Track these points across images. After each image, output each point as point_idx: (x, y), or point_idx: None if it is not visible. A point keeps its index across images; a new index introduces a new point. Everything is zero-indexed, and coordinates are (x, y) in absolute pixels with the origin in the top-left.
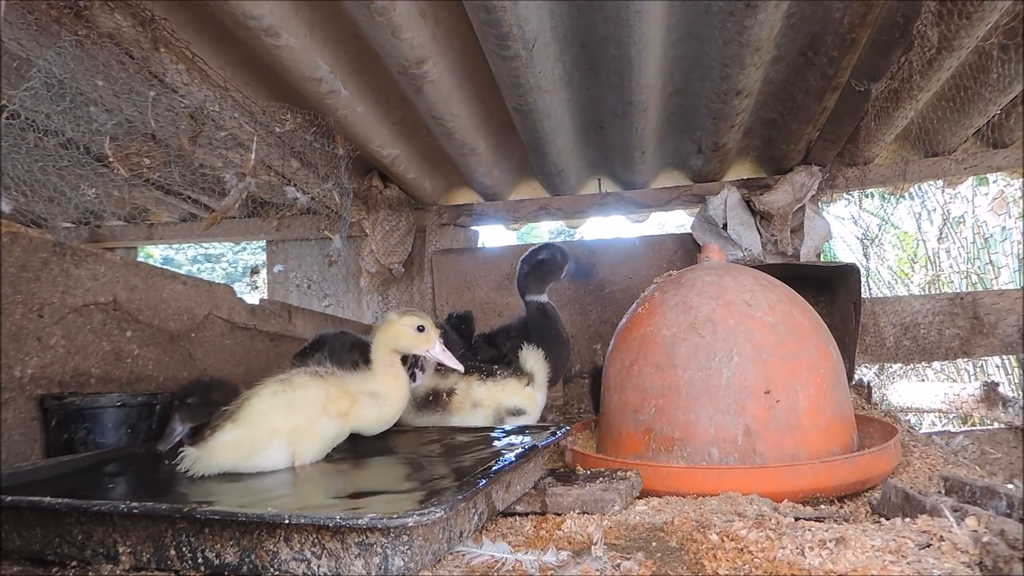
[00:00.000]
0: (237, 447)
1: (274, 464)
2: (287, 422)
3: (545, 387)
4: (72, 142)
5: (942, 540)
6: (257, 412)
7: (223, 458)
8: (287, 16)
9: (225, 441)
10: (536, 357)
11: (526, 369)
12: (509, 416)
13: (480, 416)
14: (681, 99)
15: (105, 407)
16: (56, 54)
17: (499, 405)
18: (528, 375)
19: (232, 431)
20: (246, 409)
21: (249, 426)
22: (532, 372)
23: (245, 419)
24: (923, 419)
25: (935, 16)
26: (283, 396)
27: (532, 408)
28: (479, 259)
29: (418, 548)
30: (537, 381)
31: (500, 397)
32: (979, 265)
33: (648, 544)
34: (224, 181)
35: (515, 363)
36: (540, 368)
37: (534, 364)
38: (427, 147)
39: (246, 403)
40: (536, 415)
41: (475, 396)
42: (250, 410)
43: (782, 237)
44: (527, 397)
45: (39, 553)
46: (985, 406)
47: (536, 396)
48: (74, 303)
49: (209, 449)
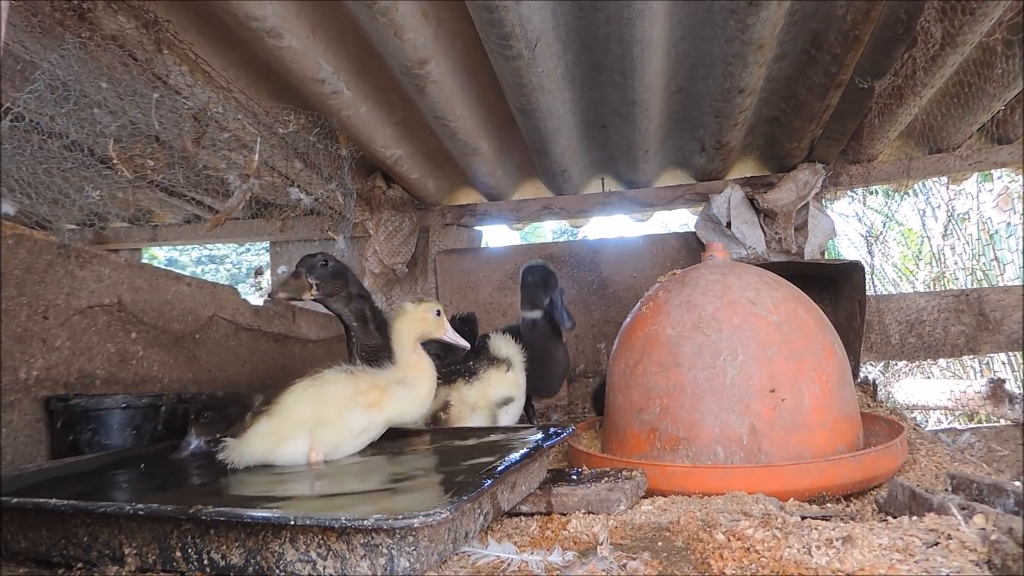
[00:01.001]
0: (268, 438)
1: (303, 455)
2: (315, 414)
3: (523, 369)
4: (76, 144)
5: (950, 538)
6: (286, 406)
7: (255, 448)
8: (289, 17)
9: (259, 432)
10: (506, 341)
11: (501, 356)
12: (501, 406)
13: (480, 418)
14: (684, 98)
15: (110, 408)
16: (60, 56)
17: (490, 401)
18: (505, 361)
19: (265, 423)
20: (278, 404)
21: (278, 418)
22: (508, 357)
23: (276, 412)
24: (929, 416)
25: (938, 12)
26: (312, 390)
27: (518, 393)
28: (483, 259)
29: (423, 549)
30: (516, 364)
31: (489, 392)
32: (984, 262)
33: (654, 544)
34: (228, 182)
35: (486, 352)
36: (514, 351)
37: (507, 349)
38: (430, 147)
39: (279, 399)
40: (522, 398)
41: (470, 400)
42: (281, 404)
43: (786, 235)
44: (511, 383)
45: (45, 555)
46: (991, 403)
47: (519, 380)
48: (79, 305)
49: (245, 440)
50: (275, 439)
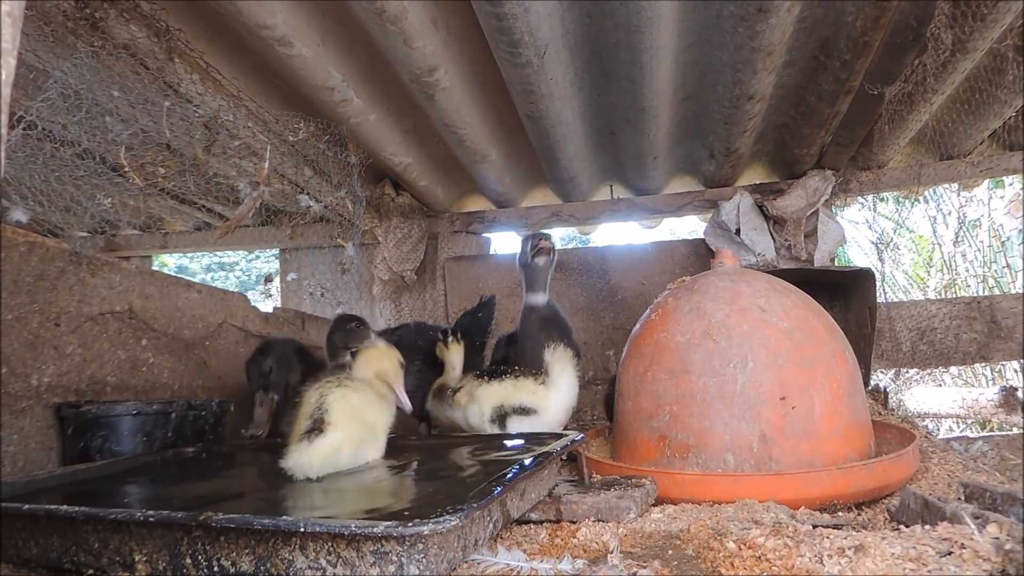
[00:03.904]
0: (339, 448)
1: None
2: (375, 419)
3: (566, 386)
4: (88, 152)
5: (963, 548)
6: (351, 412)
7: (327, 459)
8: (300, 25)
9: (328, 442)
10: (561, 355)
11: (545, 367)
12: (516, 415)
13: (476, 412)
14: (693, 104)
15: (121, 415)
16: (72, 65)
17: (498, 404)
18: (544, 373)
19: (333, 432)
20: (338, 410)
21: (350, 426)
22: (549, 369)
23: (342, 420)
24: (941, 425)
25: (949, 18)
26: (365, 394)
27: (543, 406)
28: (491, 266)
29: (433, 556)
30: (551, 377)
31: (504, 396)
32: (996, 269)
33: (664, 552)
34: (238, 190)
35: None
36: (559, 364)
37: (558, 364)
38: (439, 154)
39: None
40: (552, 416)
41: (479, 395)
42: (343, 411)
43: (796, 242)
44: (535, 395)
45: (56, 561)
46: (1004, 411)
47: (550, 394)
48: (90, 312)
49: (314, 451)
50: (350, 446)
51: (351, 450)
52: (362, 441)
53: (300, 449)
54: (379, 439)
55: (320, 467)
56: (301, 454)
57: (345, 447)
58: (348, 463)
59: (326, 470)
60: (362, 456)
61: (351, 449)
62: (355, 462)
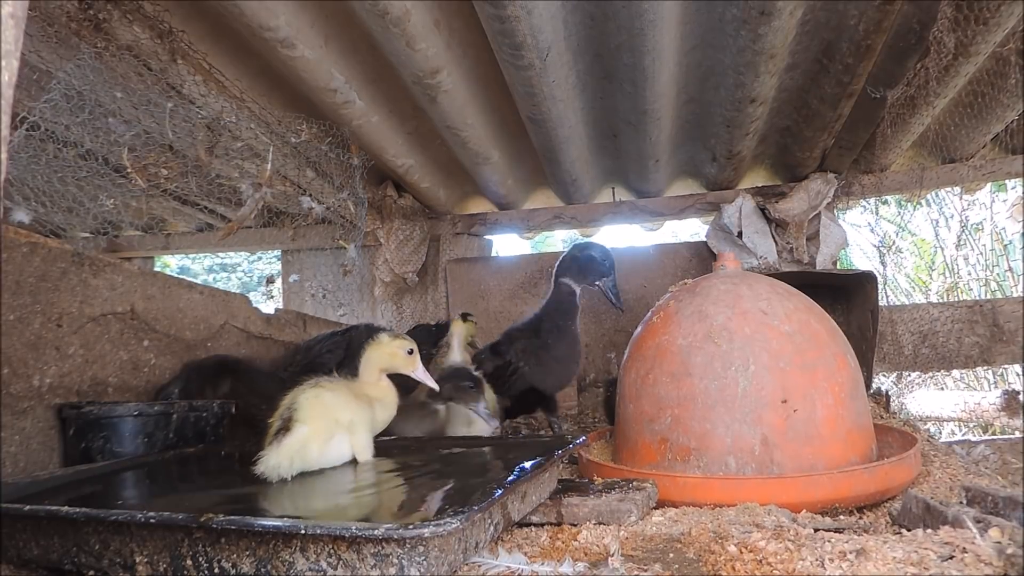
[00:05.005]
0: (307, 442)
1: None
2: (351, 415)
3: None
4: (91, 153)
5: (965, 552)
6: (320, 408)
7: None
8: (303, 27)
9: (296, 438)
10: None
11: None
12: None
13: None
14: (695, 107)
15: (123, 416)
16: (76, 66)
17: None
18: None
19: (300, 428)
20: (306, 407)
21: (318, 421)
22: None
23: (310, 416)
24: (943, 428)
25: (951, 22)
26: (339, 393)
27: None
28: (493, 268)
29: (434, 559)
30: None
31: None
32: (998, 272)
33: (665, 555)
34: (240, 191)
35: None
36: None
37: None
38: (441, 156)
39: (303, 403)
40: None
41: None
42: (311, 407)
43: (798, 245)
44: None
45: (57, 562)
46: (1006, 415)
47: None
48: (92, 313)
49: (283, 450)
50: (318, 441)
51: (320, 445)
52: (334, 437)
53: (269, 451)
54: (361, 438)
55: (290, 466)
56: (270, 456)
57: (313, 442)
58: (318, 459)
59: (297, 468)
60: (338, 454)
61: (320, 444)
62: (328, 459)
